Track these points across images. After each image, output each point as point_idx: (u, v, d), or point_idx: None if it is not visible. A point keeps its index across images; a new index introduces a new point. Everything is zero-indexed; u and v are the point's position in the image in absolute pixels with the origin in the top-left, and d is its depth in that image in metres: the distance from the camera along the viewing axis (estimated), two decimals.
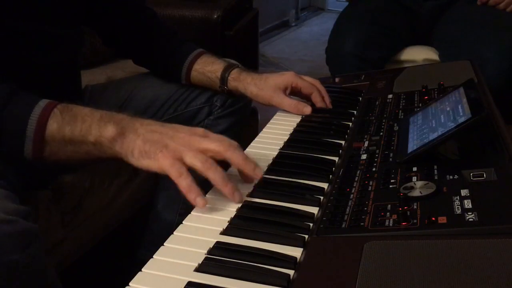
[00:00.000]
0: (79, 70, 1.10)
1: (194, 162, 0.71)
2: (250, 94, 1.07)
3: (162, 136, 0.74)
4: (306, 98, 1.08)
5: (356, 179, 0.75)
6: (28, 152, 0.75)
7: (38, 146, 0.75)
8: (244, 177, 0.77)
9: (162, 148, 0.72)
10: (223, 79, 1.09)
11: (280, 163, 0.84)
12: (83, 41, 1.07)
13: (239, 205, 0.72)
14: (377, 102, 1.06)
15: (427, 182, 0.68)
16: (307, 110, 1.04)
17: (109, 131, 0.75)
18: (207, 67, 1.11)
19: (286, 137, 0.94)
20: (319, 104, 1.05)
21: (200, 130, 0.77)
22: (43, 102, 0.76)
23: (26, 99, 0.77)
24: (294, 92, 1.07)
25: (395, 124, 0.92)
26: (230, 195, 0.71)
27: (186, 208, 0.73)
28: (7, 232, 0.60)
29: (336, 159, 0.84)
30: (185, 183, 0.70)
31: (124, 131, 0.75)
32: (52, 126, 0.75)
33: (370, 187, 0.72)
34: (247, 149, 0.90)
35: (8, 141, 0.75)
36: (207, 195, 0.76)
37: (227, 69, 1.09)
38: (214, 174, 0.71)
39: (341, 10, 1.83)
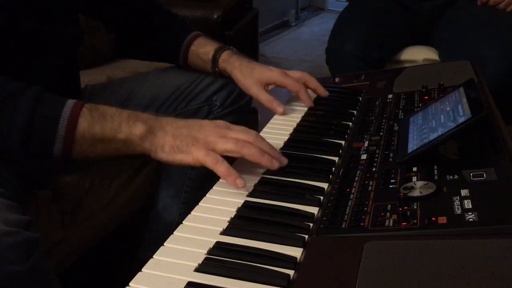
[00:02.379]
0: (77, 69, 1.10)
1: (227, 146, 0.77)
2: (234, 78, 1.10)
3: (190, 131, 0.79)
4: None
5: (356, 179, 0.75)
6: (58, 151, 0.76)
7: (68, 145, 0.76)
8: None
9: (194, 142, 0.77)
10: (214, 60, 1.11)
11: None
12: (81, 40, 1.07)
13: (239, 205, 0.72)
14: (377, 102, 1.06)
15: (427, 182, 0.68)
16: (280, 109, 1.06)
17: (139, 129, 0.78)
18: (201, 49, 1.14)
19: (286, 137, 0.94)
20: (307, 103, 1.07)
21: (221, 122, 0.82)
22: (71, 102, 0.78)
23: (54, 99, 0.78)
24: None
25: (395, 124, 0.92)
26: (269, 164, 0.78)
27: (186, 208, 0.74)
28: (9, 244, 0.60)
29: (336, 159, 0.84)
30: (223, 168, 0.75)
31: (153, 129, 0.79)
32: (83, 125, 0.77)
33: (370, 187, 0.72)
34: None
35: (39, 141, 0.76)
36: (207, 195, 0.76)
37: (219, 51, 1.12)
38: (249, 150, 0.77)
39: (341, 10, 1.83)
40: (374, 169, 0.77)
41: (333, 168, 0.81)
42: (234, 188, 0.75)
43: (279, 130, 0.98)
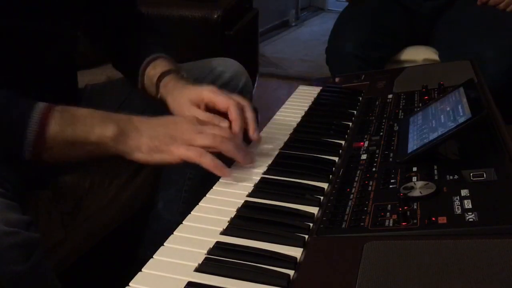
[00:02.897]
0: (75, 69, 1.09)
1: (205, 142, 0.77)
2: (168, 104, 0.96)
3: (166, 130, 0.78)
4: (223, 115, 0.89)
5: (356, 179, 0.75)
6: (28, 154, 0.75)
7: (38, 148, 0.75)
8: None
9: (172, 141, 0.77)
10: (157, 85, 1.00)
11: (280, 163, 0.84)
12: (78, 40, 1.07)
13: (239, 205, 0.72)
14: (377, 102, 1.06)
15: (427, 182, 0.68)
16: (224, 124, 0.86)
17: (110, 130, 0.77)
18: (151, 71, 1.02)
19: (286, 137, 0.94)
20: (233, 124, 0.86)
21: (193, 117, 0.83)
22: (42, 104, 0.76)
23: (24, 102, 0.77)
24: (210, 109, 0.91)
25: (395, 124, 0.92)
26: (242, 160, 0.80)
27: (186, 208, 0.74)
28: (9, 244, 0.60)
29: (336, 159, 0.84)
30: (208, 160, 0.76)
31: (126, 130, 0.78)
32: (54, 128, 0.75)
33: (370, 187, 0.72)
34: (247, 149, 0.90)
35: (8, 146, 0.75)
36: (207, 195, 0.76)
37: (163, 75, 0.99)
38: (226, 146, 0.78)
39: (341, 10, 1.83)
40: (374, 169, 0.77)
41: (333, 168, 0.81)
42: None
43: (279, 130, 0.98)
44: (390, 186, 0.71)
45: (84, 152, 0.79)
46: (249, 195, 0.74)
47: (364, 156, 0.82)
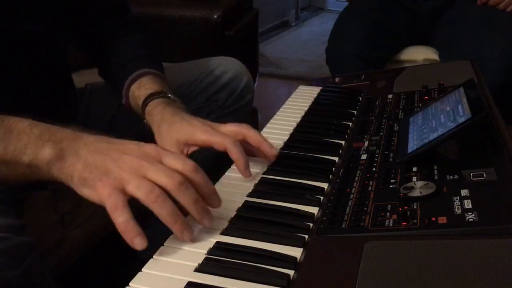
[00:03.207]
0: (68, 70, 1.08)
1: (136, 193, 0.61)
2: (154, 135, 0.88)
3: (105, 159, 0.63)
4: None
5: (356, 179, 0.75)
6: None
7: None
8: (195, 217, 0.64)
9: (102, 176, 0.62)
10: (143, 109, 0.91)
11: (280, 163, 0.84)
12: (68, 41, 1.05)
13: (239, 205, 0.72)
14: (377, 102, 1.06)
15: (427, 182, 0.68)
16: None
17: (46, 153, 0.64)
18: (137, 91, 0.94)
19: (286, 137, 0.94)
20: (237, 163, 0.77)
21: (152, 149, 0.65)
22: None
23: None
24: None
25: (395, 124, 0.92)
26: (179, 234, 0.62)
27: None
28: None
29: (336, 159, 0.84)
30: (120, 220, 0.60)
31: (64, 153, 0.64)
32: None
33: (370, 187, 0.72)
34: None
35: None
36: None
37: (149, 98, 0.91)
38: (160, 209, 0.61)
39: (341, 10, 1.83)
40: (374, 169, 0.77)
41: (333, 168, 0.81)
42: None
43: (279, 130, 0.98)
44: (390, 186, 0.71)
45: (17, 175, 0.67)
46: (249, 195, 0.74)
47: (364, 156, 0.82)
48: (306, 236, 0.63)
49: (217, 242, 0.63)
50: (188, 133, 0.80)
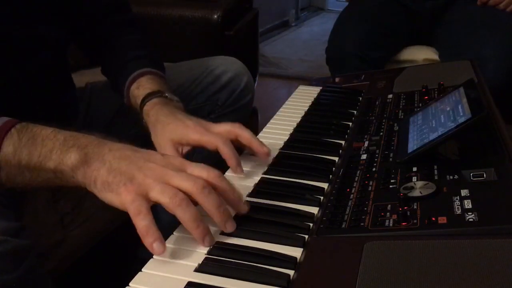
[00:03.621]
0: (68, 71, 1.08)
1: (160, 198, 0.61)
2: (151, 135, 0.89)
3: (130, 166, 0.64)
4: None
5: (356, 179, 0.75)
6: None
7: None
8: (216, 219, 0.64)
9: (126, 181, 0.62)
10: (141, 110, 0.93)
11: (280, 163, 0.84)
12: (68, 41, 1.05)
13: None
14: (377, 102, 1.06)
15: (427, 182, 0.68)
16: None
17: (71, 157, 0.65)
18: (135, 91, 0.96)
19: (286, 137, 0.94)
20: (230, 162, 0.79)
21: (177, 160, 0.67)
22: (0, 120, 0.68)
23: None
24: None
25: (395, 124, 0.92)
26: (200, 239, 0.62)
27: None
28: None
29: (336, 159, 0.84)
30: (142, 224, 0.60)
31: (89, 158, 0.65)
32: (7, 148, 0.66)
33: (370, 187, 0.72)
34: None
35: None
36: None
37: (146, 98, 0.92)
38: (183, 213, 0.61)
39: (341, 10, 1.83)
40: (374, 169, 0.77)
41: (333, 168, 0.81)
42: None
43: (279, 130, 0.98)
44: (390, 186, 0.71)
45: (41, 180, 0.68)
46: (249, 195, 0.74)
47: (364, 156, 0.82)
48: (306, 236, 0.63)
49: (217, 242, 0.63)
50: (181, 133, 0.82)
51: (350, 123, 0.99)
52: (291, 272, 0.57)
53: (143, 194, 0.62)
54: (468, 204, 0.62)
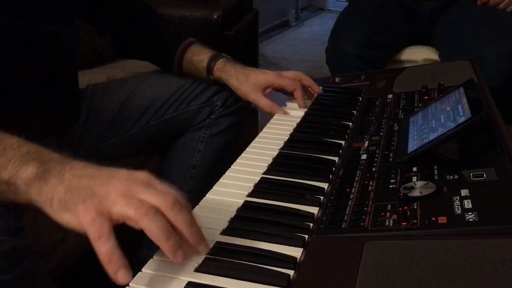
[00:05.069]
0: (76, 69, 1.09)
1: (125, 211, 0.55)
2: (231, 86, 1.11)
3: (91, 182, 0.58)
4: (290, 95, 1.12)
5: (356, 179, 0.75)
6: None
7: None
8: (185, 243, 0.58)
9: (86, 198, 0.56)
10: (209, 69, 1.12)
11: (280, 163, 0.84)
12: (78, 40, 1.07)
13: (239, 205, 0.72)
14: (377, 102, 1.06)
15: (427, 182, 0.68)
16: (280, 113, 1.07)
17: (28, 171, 0.59)
18: (195, 57, 1.14)
19: (286, 137, 0.94)
20: (300, 102, 1.08)
21: (143, 175, 0.59)
22: None
23: None
24: (278, 90, 1.12)
25: (395, 124, 0.92)
26: (171, 253, 0.55)
27: None
28: None
29: (336, 159, 0.84)
30: (103, 249, 0.53)
31: (48, 174, 0.59)
32: None
33: (370, 187, 0.72)
34: (247, 149, 0.90)
35: None
36: (207, 195, 0.76)
37: (213, 59, 1.12)
38: (150, 223, 0.54)
39: (341, 10, 1.83)
40: (374, 169, 0.77)
41: (333, 168, 0.81)
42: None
43: (279, 130, 0.98)
44: (390, 186, 0.71)
45: None
46: (249, 195, 0.74)
47: (364, 156, 0.82)
48: (306, 236, 0.63)
49: (217, 242, 0.63)
50: (264, 78, 1.08)
51: (350, 123, 0.99)
52: (291, 272, 0.57)
53: (105, 213, 0.55)
54: (468, 204, 0.62)
